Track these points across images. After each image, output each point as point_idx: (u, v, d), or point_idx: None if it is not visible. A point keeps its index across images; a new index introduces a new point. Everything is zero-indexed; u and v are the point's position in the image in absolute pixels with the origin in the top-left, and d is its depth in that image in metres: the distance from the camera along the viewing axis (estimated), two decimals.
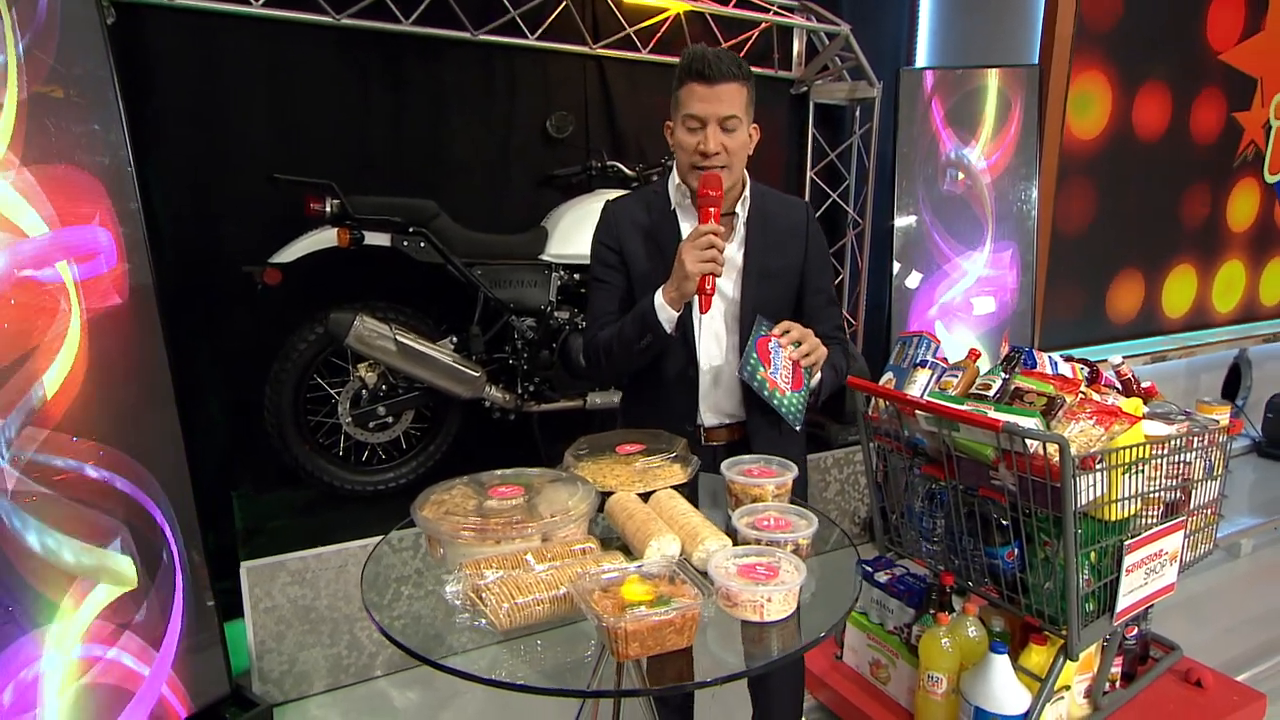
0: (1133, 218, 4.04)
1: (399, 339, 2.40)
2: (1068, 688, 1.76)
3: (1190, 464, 1.74)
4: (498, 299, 2.65)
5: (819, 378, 1.51)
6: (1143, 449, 1.57)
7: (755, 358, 1.39)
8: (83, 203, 1.64)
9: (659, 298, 1.44)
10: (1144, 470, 1.59)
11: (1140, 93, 3.89)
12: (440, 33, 2.74)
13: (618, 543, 1.16)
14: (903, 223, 3.44)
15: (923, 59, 3.97)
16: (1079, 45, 3.56)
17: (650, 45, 3.14)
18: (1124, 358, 2.04)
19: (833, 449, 3.20)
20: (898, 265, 3.46)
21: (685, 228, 1.54)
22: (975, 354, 1.83)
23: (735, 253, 1.55)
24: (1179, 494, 1.75)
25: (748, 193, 1.56)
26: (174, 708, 1.85)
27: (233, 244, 2.54)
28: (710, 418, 1.59)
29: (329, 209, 2.37)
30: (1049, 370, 1.82)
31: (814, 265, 1.61)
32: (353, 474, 2.58)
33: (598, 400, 2.81)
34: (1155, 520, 1.69)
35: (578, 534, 1.11)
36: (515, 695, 0.91)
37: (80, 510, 1.65)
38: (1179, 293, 4.38)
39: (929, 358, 1.83)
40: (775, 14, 3.20)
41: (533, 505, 1.13)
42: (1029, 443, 1.45)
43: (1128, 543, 1.58)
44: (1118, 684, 1.93)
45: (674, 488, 1.27)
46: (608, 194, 2.76)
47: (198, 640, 1.89)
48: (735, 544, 1.10)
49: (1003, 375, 1.72)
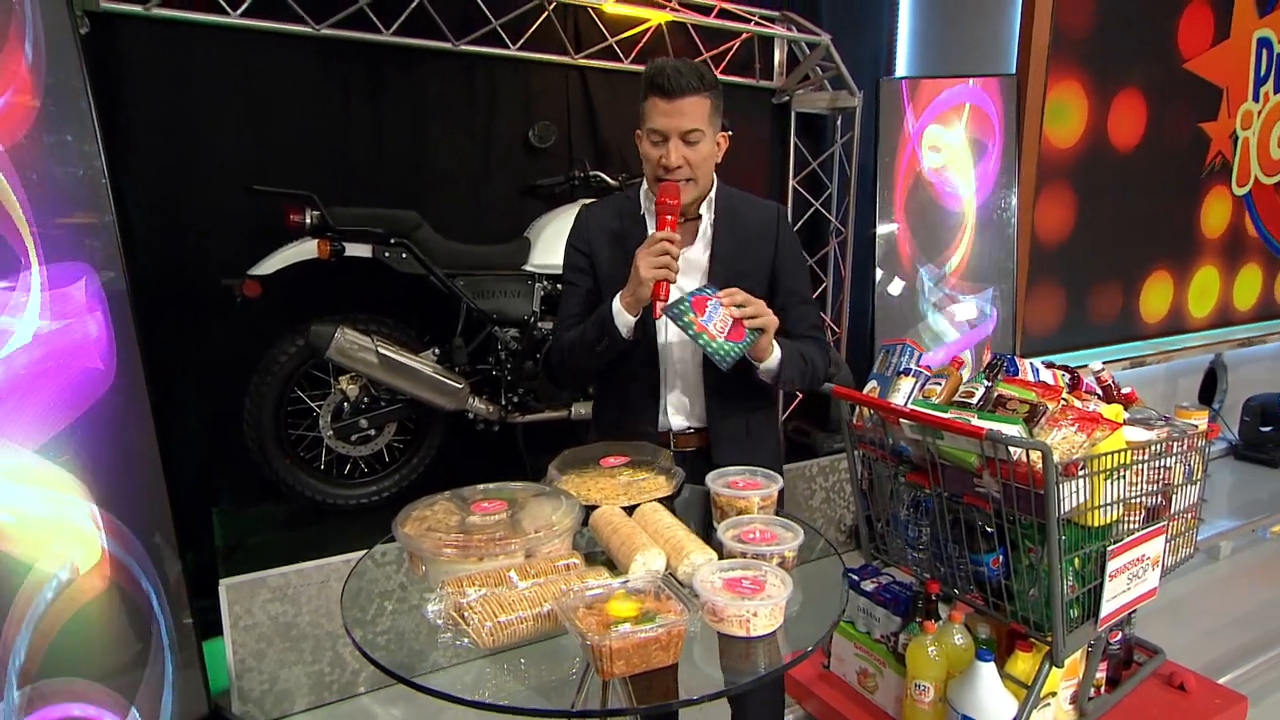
0: (1109, 225, 4.10)
1: (381, 351, 2.37)
2: (1054, 694, 1.76)
3: (1170, 469, 1.76)
4: (480, 310, 2.64)
5: (777, 353, 1.49)
6: (1124, 455, 1.58)
7: (687, 304, 1.38)
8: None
9: (617, 303, 1.47)
10: (1125, 476, 1.61)
11: (1115, 102, 3.95)
12: (421, 43, 2.73)
13: (602, 557, 1.15)
14: (884, 230, 3.46)
15: (902, 68, 4.01)
16: (1055, 54, 3.61)
17: (632, 55, 3.14)
18: (1104, 363, 2.06)
19: (818, 457, 3.21)
20: (880, 272, 3.48)
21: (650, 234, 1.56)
22: (959, 362, 1.84)
23: (700, 254, 1.58)
24: (1160, 499, 1.77)
25: (714, 195, 1.58)
26: None
27: (212, 256, 2.50)
28: (677, 420, 1.60)
29: (309, 220, 2.34)
30: (1031, 377, 1.83)
31: (785, 265, 1.62)
32: (335, 488, 2.55)
33: (582, 411, 2.80)
34: (1137, 525, 1.70)
35: (562, 549, 1.10)
36: (500, 714, 0.90)
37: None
38: (1156, 298, 4.44)
39: (912, 365, 1.83)
40: (756, 24, 3.22)
41: (516, 521, 1.12)
42: (1012, 450, 1.45)
43: (1110, 548, 1.59)
44: (1103, 689, 1.94)
45: (658, 500, 1.26)
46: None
47: (175, 660, 1.85)
48: (721, 557, 1.09)
49: (985, 383, 1.73)
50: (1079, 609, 1.62)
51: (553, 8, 2.88)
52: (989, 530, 1.59)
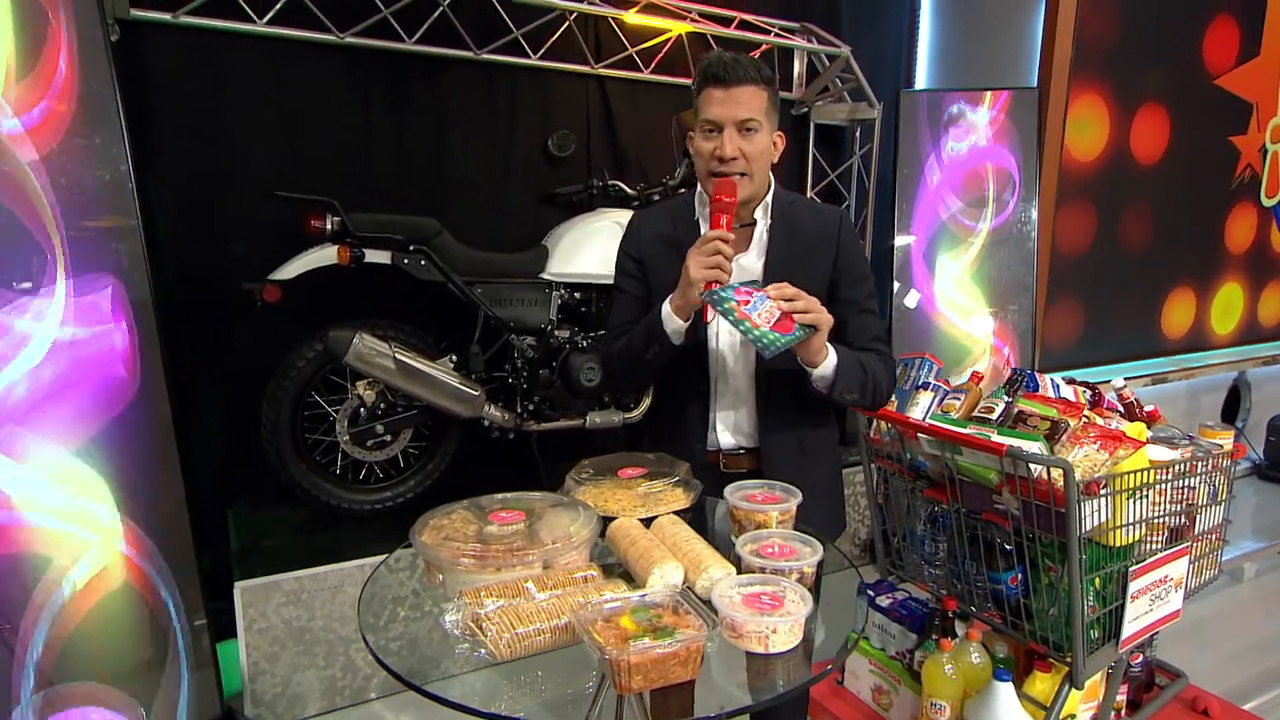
0: (1131, 239, 4.06)
1: (398, 357, 2.38)
2: (1073, 716, 1.73)
3: (1194, 489, 1.73)
4: (498, 317, 2.64)
5: (832, 359, 1.39)
6: (1147, 474, 1.56)
7: (730, 292, 1.30)
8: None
9: (666, 306, 1.40)
10: (1148, 495, 1.58)
11: (1138, 115, 3.91)
12: (443, 52, 2.75)
13: (619, 569, 1.14)
14: (902, 242, 3.44)
15: (922, 80, 4.00)
16: (1077, 67, 3.59)
17: (652, 66, 3.15)
18: (1125, 380, 2.03)
19: None
20: (897, 285, 3.46)
21: None
22: (978, 377, 1.82)
23: (754, 262, 1.50)
24: (1183, 519, 1.74)
25: (770, 199, 1.50)
26: None
27: (233, 261, 2.53)
28: (727, 438, 1.54)
29: (330, 226, 2.36)
30: (1051, 393, 1.81)
31: (846, 275, 1.53)
32: (350, 493, 2.56)
33: (597, 420, 2.80)
34: (1160, 546, 1.67)
35: (579, 561, 1.10)
36: None
37: None
38: (1179, 314, 4.39)
39: (931, 380, 1.82)
40: (776, 35, 3.23)
41: (534, 531, 1.11)
42: (1033, 467, 1.44)
43: (1132, 569, 1.56)
44: (1123, 712, 1.91)
45: (676, 513, 1.25)
46: (609, 213, 2.77)
47: (190, 662, 1.86)
48: (739, 572, 1.08)
49: (1005, 398, 1.71)
50: (1100, 630, 1.59)
51: (574, 18, 2.90)
52: (1008, 548, 1.57)
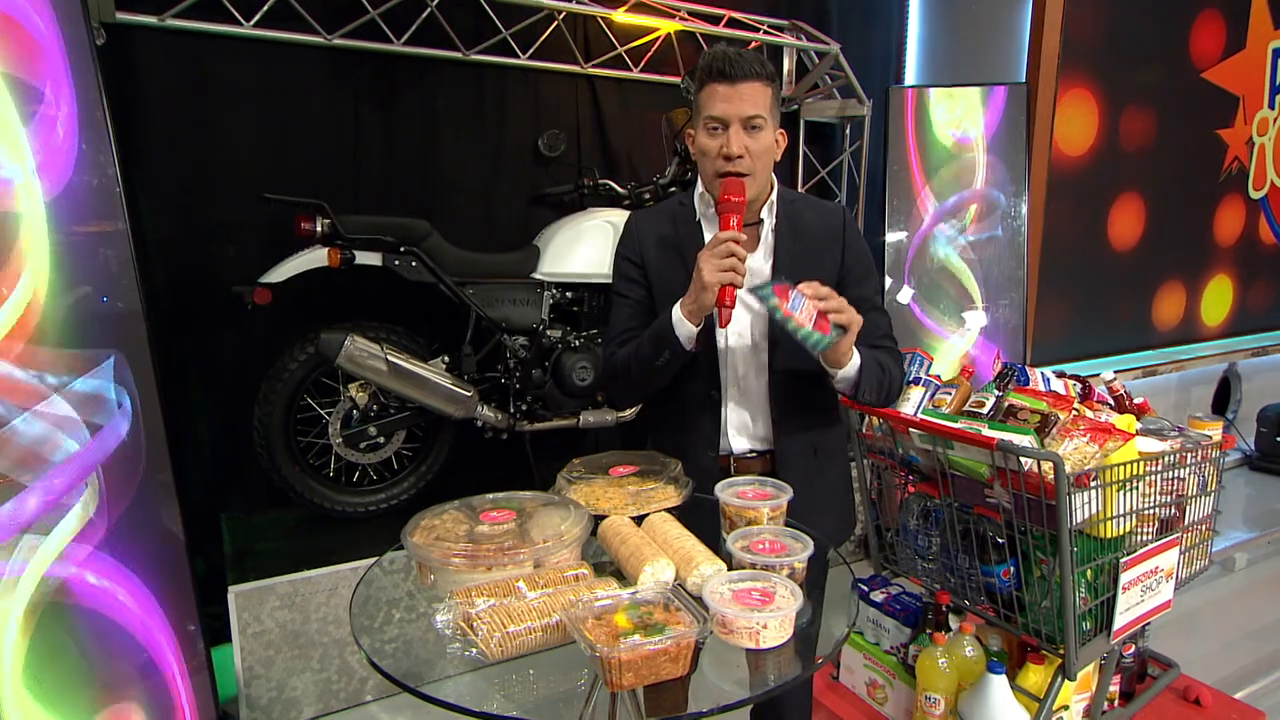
0: (1122, 233, 4.08)
1: (390, 359, 2.38)
2: (1066, 707, 1.74)
3: (1184, 480, 1.74)
4: (489, 318, 2.64)
5: (857, 359, 1.38)
6: (1137, 465, 1.57)
7: (770, 288, 1.26)
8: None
9: (677, 311, 1.36)
10: (1138, 487, 1.59)
11: (1126, 110, 3.94)
12: (432, 52, 2.75)
13: (611, 568, 1.14)
14: (894, 238, 3.45)
15: (912, 77, 4.01)
16: (1065, 63, 3.60)
17: (641, 64, 3.15)
18: (1115, 373, 2.04)
19: None
20: (889, 280, 3.47)
21: (710, 238, 1.43)
22: (969, 371, 1.83)
23: (761, 263, 1.48)
24: (1173, 510, 1.75)
25: (774, 198, 1.48)
26: None
27: (223, 264, 2.52)
28: (739, 442, 1.51)
29: (320, 229, 2.35)
30: (1042, 387, 1.82)
31: (852, 273, 1.51)
32: (343, 495, 2.55)
33: (591, 419, 2.80)
34: (1150, 537, 1.68)
35: (570, 559, 1.10)
36: None
37: None
38: (1168, 306, 4.42)
39: (922, 375, 1.82)
40: (765, 33, 3.23)
41: (525, 530, 1.12)
42: (1024, 460, 1.44)
43: (1124, 560, 1.57)
44: (1116, 703, 1.92)
45: (668, 510, 1.25)
46: (600, 212, 2.77)
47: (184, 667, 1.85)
48: (730, 568, 1.09)
49: (996, 392, 1.72)
50: (1092, 621, 1.60)
51: (562, 18, 2.90)
52: (1000, 541, 1.58)
